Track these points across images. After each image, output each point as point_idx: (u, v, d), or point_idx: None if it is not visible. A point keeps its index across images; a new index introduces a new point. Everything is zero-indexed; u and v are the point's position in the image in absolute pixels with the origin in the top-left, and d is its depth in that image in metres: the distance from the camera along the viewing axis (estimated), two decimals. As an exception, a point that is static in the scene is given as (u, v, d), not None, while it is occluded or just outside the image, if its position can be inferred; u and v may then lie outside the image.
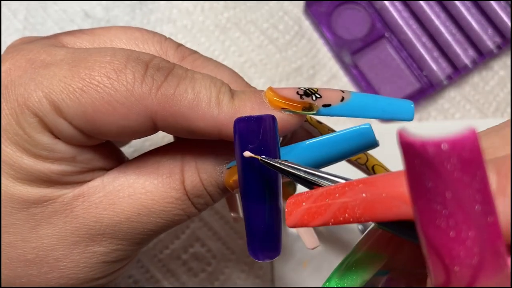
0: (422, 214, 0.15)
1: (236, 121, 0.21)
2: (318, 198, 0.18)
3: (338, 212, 0.17)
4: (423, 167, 0.14)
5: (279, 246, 0.23)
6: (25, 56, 0.24)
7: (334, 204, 0.17)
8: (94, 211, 0.24)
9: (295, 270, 0.39)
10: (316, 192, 0.18)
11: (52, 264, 0.24)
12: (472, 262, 0.14)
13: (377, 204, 0.16)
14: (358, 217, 0.17)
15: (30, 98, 0.22)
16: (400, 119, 0.23)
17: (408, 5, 0.45)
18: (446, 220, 0.14)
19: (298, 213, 0.18)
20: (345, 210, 0.17)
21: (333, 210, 0.17)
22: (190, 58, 0.27)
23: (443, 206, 0.14)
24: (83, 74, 0.22)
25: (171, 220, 0.25)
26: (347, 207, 0.17)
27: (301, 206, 0.18)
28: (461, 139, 0.14)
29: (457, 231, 0.14)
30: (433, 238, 0.15)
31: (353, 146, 0.23)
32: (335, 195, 0.18)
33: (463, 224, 0.14)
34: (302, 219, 0.18)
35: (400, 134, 0.14)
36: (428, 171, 0.14)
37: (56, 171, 0.23)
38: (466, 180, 0.14)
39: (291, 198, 0.19)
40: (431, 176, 0.14)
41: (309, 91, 0.23)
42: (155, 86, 0.22)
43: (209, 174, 0.24)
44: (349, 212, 0.17)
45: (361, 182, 0.17)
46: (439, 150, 0.14)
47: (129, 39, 0.26)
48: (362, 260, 0.20)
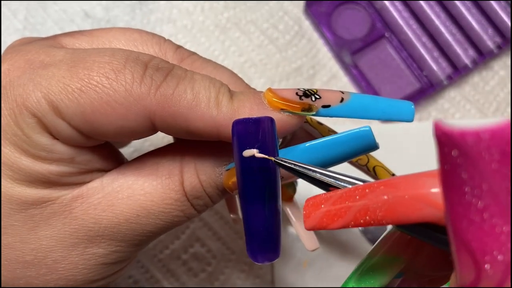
0: (455, 207, 0.14)
1: (234, 123, 0.21)
2: (338, 200, 0.18)
3: (358, 214, 0.17)
4: (460, 158, 0.14)
5: (279, 248, 0.23)
6: (23, 56, 0.24)
7: (355, 206, 0.17)
8: (93, 212, 0.24)
9: (295, 270, 0.39)
10: (335, 194, 0.18)
11: (50, 266, 0.24)
12: (505, 258, 0.14)
13: (399, 207, 0.16)
14: (379, 219, 0.16)
15: (29, 99, 0.22)
16: (400, 120, 0.23)
17: (408, 5, 0.45)
18: (480, 214, 0.14)
19: (317, 215, 0.18)
20: (366, 213, 0.17)
21: (354, 212, 0.17)
22: (189, 59, 0.27)
23: (478, 198, 0.14)
24: (82, 74, 0.22)
25: (170, 222, 0.25)
26: (368, 210, 0.17)
27: (319, 208, 0.18)
28: (500, 129, 0.13)
29: (492, 226, 0.14)
30: (464, 232, 0.14)
31: (353, 149, 0.22)
32: (355, 197, 0.17)
33: (498, 218, 0.14)
34: (321, 222, 0.18)
35: (436, 124, 0.14)
36: (465, 162, 0.13)
37: (55, 172, 0.23)
38: (504, 171, 0.13)
39: (308, 200, 0.18)
40: (468, 167, 0.14)
41: (309, 92, 0.23)
42: (154, 86, 0.22)
43: (208, 176, 0.24)
44: (370, 215, 0.17)
45: (382, 184, 0.17)
46: (479, 140, 0.13)
47: (128, 41, 0.26)
48: (380, 264, 0.20)
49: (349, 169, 0.28)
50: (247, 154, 0.21)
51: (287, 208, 0.29)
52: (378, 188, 0.17)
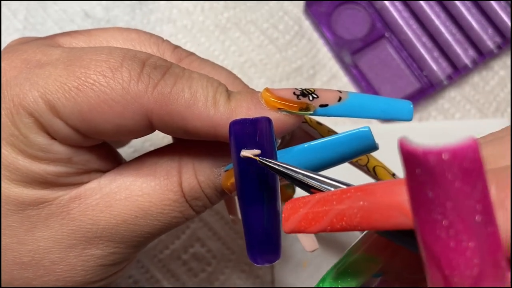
0: (423, 224, 0.15)
1: (231, 123, 0.21)
2: (316, 204, 0.18)
3: (335, 219, 0.17)
4: (424, 176, 0.14)
5: (279, 249, 0.23)
6: (20, 56, 0.23)
7: (332, 211, 0.17)
8: (91, 213, 0.24)
9: (295, 270, 0.39)
10: (314, 198, 0.18)
11: (48, 267, 0.24)
12: (472, 273, 0.14)
13: (375, 214, 0.16)
14: (355, 225, 0.17)
15: (26, 98, 0.22)
16: (398, 119, 0.23)
17: (408, 5, 0.45)
18: (446, 230, 0.14)
19: (295, 219, 0.18)
20: (343, 218, 0.17)
21: (331, 217, 0.17)
22: (187, 59, 0.27)
23: (443, 216, 0.14)
24: (79, 73, 0.22)
25: (168, 223, 0.25)
26: (344, 215, 0.17)
27: (298, 211, 0.18)
28: (462, 149, 0.14)
29: (457, 242, 0.14)
30: (433, 248, 0.14)
31: (352, 149, 0.22)
32: (332, 202, 0.17)
33: (463, 235, 0.14)
34: (299, 225, 0.18)
35: (401, 142, 0.14)
36: (429, 181, 0.14)
37: (52, 172, 0.23)
38: (466, 190, 0.14)
39: (288, 204, 0.19)
40: (432, 186, 0.14)
41: (306, 92, 0.23)
42: (151, 85, 0.22)
43: (207, 176, 0.24)
44: (346, 220, 0.17)
45: (359, 190, 0.17)
46: (440, 159, 0.14)
47: (126, 40, 0.26)
48: (357, 263, 0.20)
49: (349, 168, 0.28)
50: (244, 154, 0.21)
51: None
52: (356, 194, 0.17)
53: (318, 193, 0.18)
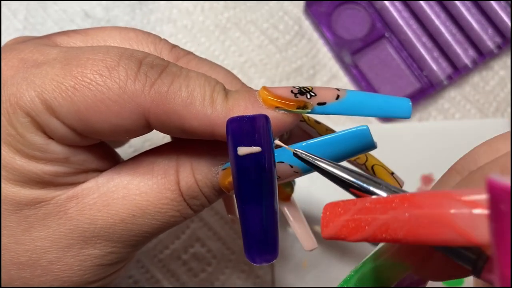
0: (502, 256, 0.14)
1: (228, 121, 0.21)
2: (358, 212, 0.17)
3: (379, 230, 0.16)
4: None
5: (277, 249, 0.23)
6: (17, 55, 0.23)
7: (376, 221, 0.16)
8: (88, 212, 0.24)
9: (295, 270, 0.39)
10: (355, 205, 0.17)
11: (45, 267, 0.24)
12: None
13: (422, 228, 0.16)
14: (400, 238, 0.16)
15: (22, 98, 0.22)
16: (397, 117, 0.23)
17: (408, 5, 0.45)
18: None
19: (336, 225, 0.17)
20: (387, 230, 0.16)
21: (374, 227, 0.16)
22: (185, 59, 0.26)
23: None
24: (75, 72, 0.22)
25: (166, 222, 0.24)
26: (389, 227, 0.16)
27: (339, 218, 0.17)
28: None
29: None
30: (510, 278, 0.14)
31: (350, 148, 0.22)
32: (376, 212, 0.17)
33: None
34: (339, 233, 0.17)
35: (489, 180, 0.13)
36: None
37: (49, 172, 0.23)
38: None
39: (326, 208, 0.18)
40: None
41: (304, 90, 0.22)
42: (148, 84, 0.22)
43: (204, 175, 0.24)
44: (390, 232, 0.16)
45: (406, 200, 0.16)
46: None
47: (123, 39, 0.26)
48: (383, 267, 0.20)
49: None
50: (242, 152, 0.21)
51: (285, 207, 0.29)
52: (401, 205, 0.16)
53: (359, 199, 0.18)
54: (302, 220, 0.29)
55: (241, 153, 0.21)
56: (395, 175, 0.27)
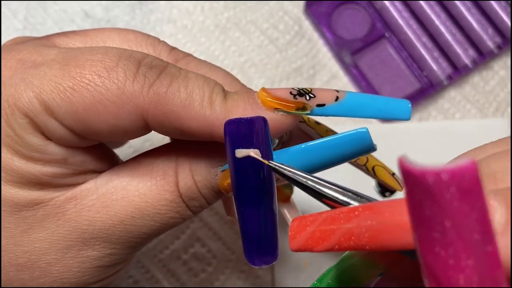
0: (422, 242, 0.15)
1: (226, 123, 0.21)
2: (323, 222, 0.18)
3: (343, 238, 0.17)
4: (423, 196, 0.14)
5: (276, 250, 0.23)
6: (15, 56, 0.23)
7: (339, 229, 0.17)
8: (87, 214, 0.24)
9: (295, 270, 0.39)
10: (321, 216, 0.18)
11: (44, 269, 0.24)
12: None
13: (383, 234, 0.16)
14: (363, 244, 0.17)
15: (21, 99, 0.22)
16: (397, 119, 0.23)
17: (408, 5, 0.45)
18: (445, 249, 0.14)
19: (302, 237, 0.18)
20: (351, 237, 0.17)
21: (338, 236, 0.17)
22: (184, 60, 0.26)
23: (442, 234, 0.14)
24: (74, 73, 0.22)
25: (165, 223, 0.24)
26: (352, 234, 0.17)
27: (305, 230, 0.18)
28: (460, 170, 0.14)
29: (456, 260, 0.14)
30: (432, 265, 0.15)
31: (350, 150, 0.22)
32: (340, 221, 0.17)
33: (462, 253, 0.14)
34: (306, 244, 0.18)
35: (400, 162, 0.14)
36: (428, 200, 0.14)
37: (48, 173, 0.23)
38: (465, 210, 0.14)
39: (294, 221, 0.18)
40: (431, 205, 0.14)
41: (303, 91, 0.22)
42: (147, 84, 0.22)
43: (203, 177, 0.24)
44: (354, 239, 0.17)
45: (368, 209, 0.17)
46: (439, 180, 0.14)
47: (123, 41, 0.26)
48: (357, 267, 0.20)
49: (350, 168, 0.28)
50: (239, 154, 0.21)
51: (284, 209, 0.29)
52: (363, 213, 0.17)
53: (325, 211, 0.18)
54: None
55: (239, 156, 0.21)
56: (396, 175, 0.27)
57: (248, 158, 0.21)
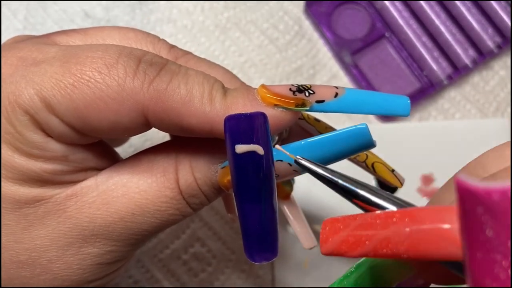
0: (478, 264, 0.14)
1: (226, 119, 0.21)
2: (358, 227, 0.17)
3: (379, 245, 0.16)
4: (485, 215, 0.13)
5: (276, 247, 0.23)
6: (16, 54, 0.23)
7: (376, 236, 0.16)
8: (88, 211, 0.24)
9: (296, 270, 0.39)
10: (355, 220, 0.17)
11: (45, 266, 0.24)
12: None
13: (423, 243, 0.15)
14: (401, 253, 0.16)
15: (21, 96, 0.22)
16: (396, 115, 0.23)
17: (408, 5, 0.45)
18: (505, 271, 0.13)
19: (335, 241, 0.17)
20: (388, 245, 0.16)
21: (375, 242, 0.16)
22: (184, 58, 0.26)
23: (503, 256, 0.13)
24: (74, 69, 0.22)
25: (165, 220, 0.24)
26: (389, 242, 0.16)
27: (338, 233, 0.17)
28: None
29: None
30: None
31: (349, 146, 0.22)
32: (377, 227, 0.16)
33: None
34: (339, 248, 0.17)
35: (459, 181, 0.14)
36: (490, 219, 0.13)
37: (48, 170, 0.23)
38: None
39: (326, 224, 0.18)
40: (493, 225, 0.13)
41: (302, 88, 0.22)
42: (147, 81, 0.22)
43: (204, 173, 0.24)
44: (391, 247, 0.16)
45: (406, 215, 0.16)
46: (505, 197, 0.13)
47: (122, 39, 0.26)
48: (390, 266, 0.19)
49: (350, 165, 0.28)
50: (239, 150, 0.21)
51: (284, 206, 0.29)
52: (402, 220, 0.16)
53: (359, 214, 0.17)
54: (301, 218, 0.29)
55: (239, 151, 0.21)
56: (396, 172, 0.27)
57: (248, 154, 0.21)
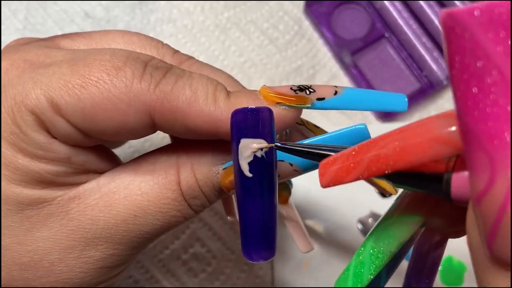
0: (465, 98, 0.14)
1: (233, 112, 0.21)
2: (350, 155, 0.18)
3: (371, 163, 0.17)
4: (464, 37, 0.14)
5: (274, 245, 0.23)
6: (23, 57, 0.24)
7: (366, 157, 0.17)
8: (90, 213, 0.24)
9: (295, 270, 0.39)
10: (347, 150, 0.18)
11: (47, 268, 0.24)
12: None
13: (412, 149, 0.16)
14: (392, 165, 0.17)
15: (28, 96, 0.22)
16: (394, 110, 0.24)
17: (408, 5, 0.45)
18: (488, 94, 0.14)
19: (331, 171, 0.18)
20: (378, 161, 0.17)
21: (366, 162, 0.17)
22: (187, 63, 0.27)
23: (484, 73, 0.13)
24: (83, 71, 0.22)
25: (167, 222, 0.25)
26: (379, 157, 0.17)
27: (333, 166, 0.18)
28: (497, 3, 0.13)
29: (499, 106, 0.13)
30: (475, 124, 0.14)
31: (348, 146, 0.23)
32: (367, 149, 0.17)
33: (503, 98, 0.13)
34: (335, 176, 0.18)
35: (441, 13, 0.14)
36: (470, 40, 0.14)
37: (51, 172, 0.23)
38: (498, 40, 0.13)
39: (322, 162, 0.19)
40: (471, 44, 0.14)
41: (303, 87, 0.23)
42: (153, 83, 0.22)
43: (205, 175, 0.24)
44: (382, 161, 0.17)
45: (393, 133, 0.17)
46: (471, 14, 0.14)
47: (127, 43, 0.26)
48: (396, 224, 0.20)
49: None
50: (246, 152, 0.21)
51: (283, 210, 0.29)
52: (389, 137, 0.17)
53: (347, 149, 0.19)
54: (299, 222, 0.29)
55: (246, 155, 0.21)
56: None
57: (250, 149, 0.21)
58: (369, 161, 0.17)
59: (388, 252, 0.20)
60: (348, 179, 0.18)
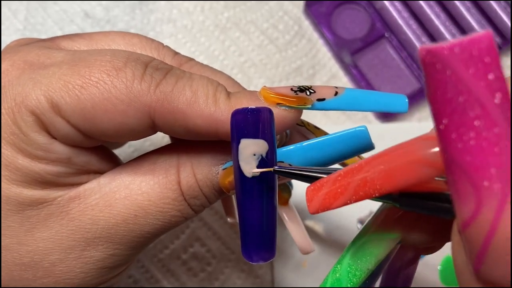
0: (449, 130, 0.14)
1: (233, 113, 0.22)
2: (337, 179, 0.18)
3: (358, 188, 0.17)
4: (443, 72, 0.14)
5: (274, 246, 0.23)
6: (23, 57, 0.24)
7: (353, 181, 0.17)
8: (90, 213, 0.24)
9: (295, 270, 0.39)
10: (333, 175, 0.18)
11: (47, 269, 0.24)
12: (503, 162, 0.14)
13: (396, 172, 0.17)
14: (379, 188, 0.17)
15: (28, 97, 0.22)
16: (394, 111, 0.24)
17: (408, 5, 0.45)
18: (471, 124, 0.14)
19: (319, 197, 0.18)
20: (365, 185, 0.17)
21: (353, 187, 0.17)
22: (187, 65, 0.27)
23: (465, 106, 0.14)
24: (83, 71, 0.22)
25: (168, 222, 0.25)
26: (366, 182, 0.17)
27: (320, 191, 0.18)
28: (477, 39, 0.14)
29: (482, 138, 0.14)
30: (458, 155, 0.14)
31: (349, 148, 0.23)
32: (353, 174, 0.18)
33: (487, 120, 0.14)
34: (324, 202, 0.18)
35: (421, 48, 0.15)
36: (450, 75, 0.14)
37: (52, 172, 0.23)
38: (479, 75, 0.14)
39: (309, 187, 0.19)
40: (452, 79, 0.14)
41: (303, 87, 0.23)
42: (154, 84, 0.22)
43: (205, 175, 0.24)
44: (369, 186, 0.17)
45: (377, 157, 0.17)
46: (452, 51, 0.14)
47: (127, 45, 0.26)
48: (373, 241, 0.20)
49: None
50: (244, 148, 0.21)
51: (283, 212, 0.29)
52: (374, 161, 0.17)
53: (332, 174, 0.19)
54: (299, 224, 0.29)
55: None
56: None
57: (250, 150, 0.21)
58: (356, 186, 0.17)
59: (365, 269, 0.20)
60: (336, 205, 0.18)
